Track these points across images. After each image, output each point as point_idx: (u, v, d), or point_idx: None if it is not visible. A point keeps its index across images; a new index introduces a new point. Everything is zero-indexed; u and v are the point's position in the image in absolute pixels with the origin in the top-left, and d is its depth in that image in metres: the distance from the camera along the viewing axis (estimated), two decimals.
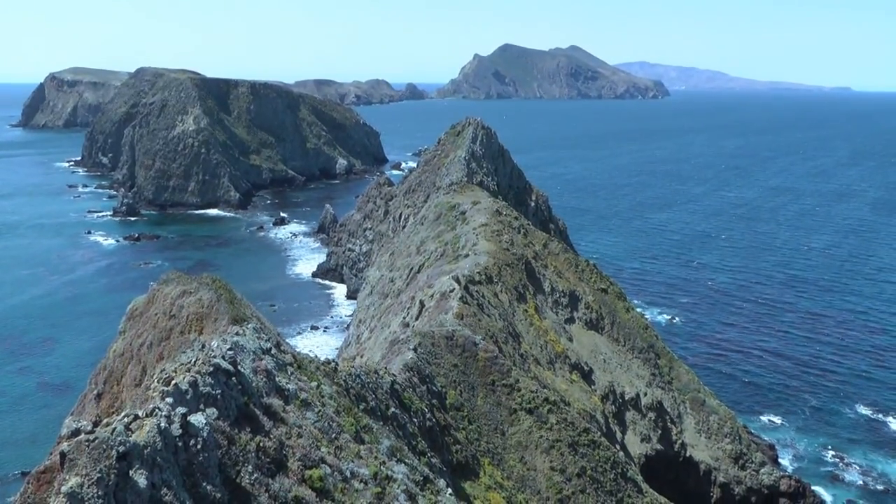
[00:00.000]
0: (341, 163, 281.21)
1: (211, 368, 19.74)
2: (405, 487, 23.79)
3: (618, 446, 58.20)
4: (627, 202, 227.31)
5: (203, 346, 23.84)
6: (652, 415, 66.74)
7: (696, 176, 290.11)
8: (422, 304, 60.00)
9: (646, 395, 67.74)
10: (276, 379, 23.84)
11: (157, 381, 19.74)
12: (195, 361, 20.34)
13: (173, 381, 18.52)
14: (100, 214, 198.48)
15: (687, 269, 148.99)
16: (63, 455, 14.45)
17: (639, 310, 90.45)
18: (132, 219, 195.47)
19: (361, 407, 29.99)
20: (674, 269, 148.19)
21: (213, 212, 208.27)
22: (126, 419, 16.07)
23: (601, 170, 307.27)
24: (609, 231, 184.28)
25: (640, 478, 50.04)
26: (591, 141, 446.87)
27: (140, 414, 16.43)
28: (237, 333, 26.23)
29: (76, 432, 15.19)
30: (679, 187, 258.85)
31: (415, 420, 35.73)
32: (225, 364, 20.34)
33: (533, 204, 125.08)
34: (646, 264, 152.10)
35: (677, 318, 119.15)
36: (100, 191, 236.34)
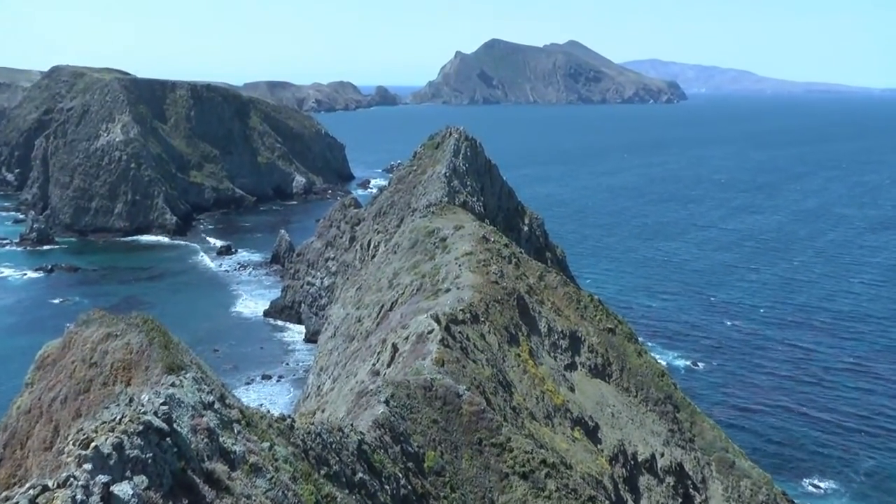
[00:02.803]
0: (299, 180, 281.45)
1: (140, 427, 19.43)
2: None
3: None
4: (635, 227, 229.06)
5: (131, 400, 23.51)
6: (670, 479, 66.57)
7: (715, 196, 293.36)
8: (395, 347, 59.73)
9: (663, 455, 67.61)
10: (220, 439, 23.52)
11: (73, 444, 19.39)
12: (121, 419, 20.04)
13: (93, 443, 18.20)
14: (3, 242, 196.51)
15: (708, 306, 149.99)
16: None
17: (653, 354, 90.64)
18: (44, 248, 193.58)
19: (323, 472, 29.64)
20: (692, 307, 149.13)
21: (145, 238, 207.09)
22: (32, 491, 15.73)
23: (604, 188, 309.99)
24: (613, 261, 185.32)
25: None
26: (594, 154, 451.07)
27: (50, 484, 16.10)
28: (173, 384, 25.93)
29: None
30: (696, 209, 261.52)
31: (387, 487, 35.37)
32: (157, 422, 20.04)
33: (526, 228, 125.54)
34: (659, 301, 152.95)
35: (699, 364, 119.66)
36: (3, 214, 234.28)
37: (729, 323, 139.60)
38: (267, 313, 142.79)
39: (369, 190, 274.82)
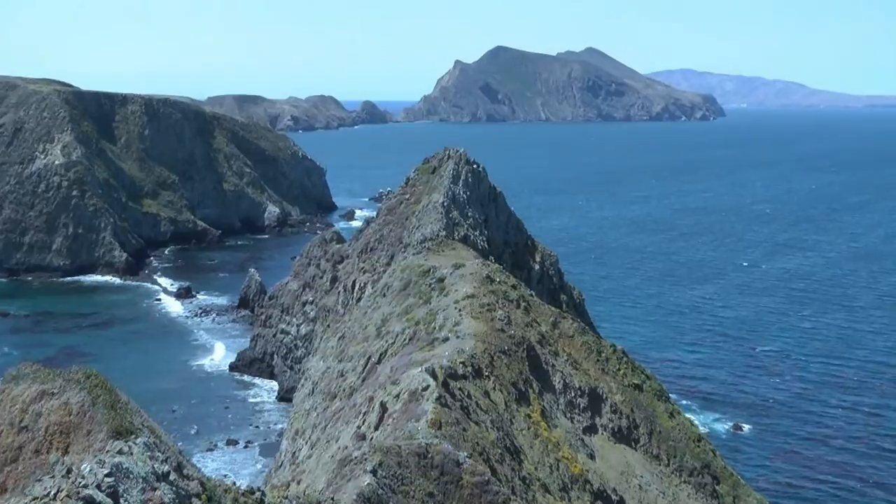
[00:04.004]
0: (272, 210, 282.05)
1: (80, 503, 19.28)
2: None
3: None
4: (664, 266, 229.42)
5: (69, 471, 23.32)
6: None
7: (758, 230, 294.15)
8: (383, 407, 59.46)
9: None
10: None
11: None
12: (56, 493, 19.87)
13: None
14: None
15: (751, 359, 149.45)
16: None
17: (687, 415, 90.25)
18: None
19: None
20: (733, 360, 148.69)
21: (89, 279, 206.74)
22: None
23: (628, 220, 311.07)
24: (639, 306, 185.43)
25: None
26: (616, 180, 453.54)
27: None
28: (120, 452, 25.75)
29: None
30: (735, 246, 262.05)
31: None
32: (101, 496, 19.89)
33: (537, 267, 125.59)
34: (693, 353, 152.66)
35: (743, 427, 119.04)
36: None
37: (777, 379, 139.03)
38: (233, 367, 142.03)
39: (354, 222, 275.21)
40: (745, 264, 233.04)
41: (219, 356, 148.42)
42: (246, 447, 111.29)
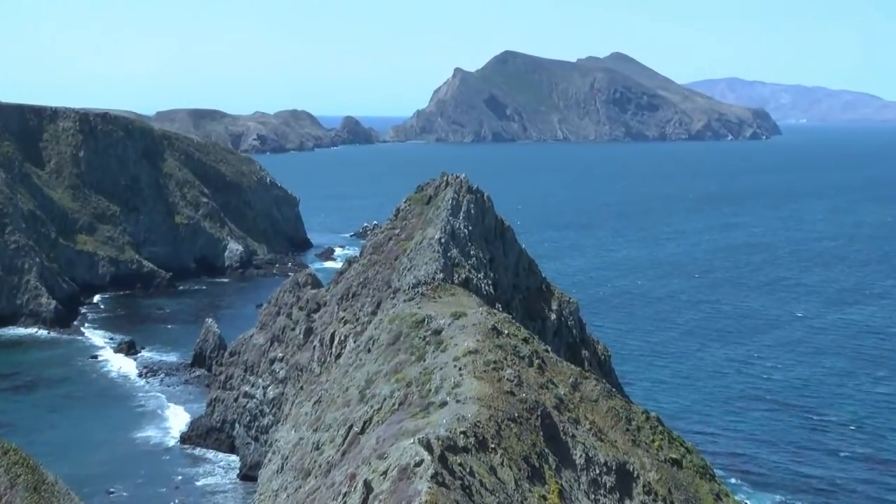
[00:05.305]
0: (234, 248, 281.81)
1: None
2: None
3: None
4: (703, 317, 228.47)
5: None
6: None
7: (819, 273, 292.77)
8: (368, 487, 59.62)
9: None
10: None
11: None
12: None
13: None
14: None
15: (811, 430, 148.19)
16: None
17: (737, 497, 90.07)
18: None
19: None
20: (790, 431, 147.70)
21: (10, 331, 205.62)
22: None
23: (662, 261, 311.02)
24: (671, 367, 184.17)
25: None
26: (646, 211, 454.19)
27: None
28: None
29: None
30: (790, 292, 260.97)
31: None
32: None
33: (554, 317, 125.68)
34: (742, 422, 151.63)
35: None
36: None
37: (844, 456, 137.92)
38: (185, 438, 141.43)
39: (332, 263, 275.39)
40: (800, 314, 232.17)
41: (168, 425, 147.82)
42: None
